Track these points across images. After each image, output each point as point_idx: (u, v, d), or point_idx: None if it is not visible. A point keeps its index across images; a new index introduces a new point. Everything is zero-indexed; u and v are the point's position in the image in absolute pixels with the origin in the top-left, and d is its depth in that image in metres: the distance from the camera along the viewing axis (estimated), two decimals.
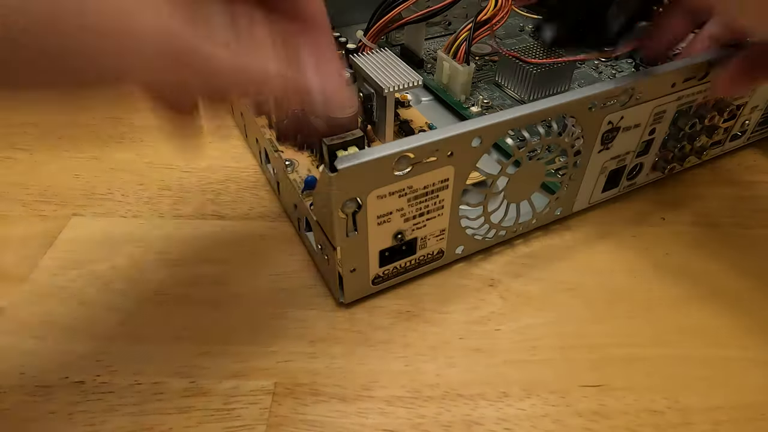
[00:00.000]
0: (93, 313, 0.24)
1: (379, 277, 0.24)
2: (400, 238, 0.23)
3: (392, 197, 0.21)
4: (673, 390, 0.22)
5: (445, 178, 0.22)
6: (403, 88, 0.28)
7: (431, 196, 0.23)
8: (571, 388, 0.22)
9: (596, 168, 0.28)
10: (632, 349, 0.24)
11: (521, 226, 0.28)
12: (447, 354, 0.23)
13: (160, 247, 0.28)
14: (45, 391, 0.21)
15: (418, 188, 0.22)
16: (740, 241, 0.29)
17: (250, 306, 0.25)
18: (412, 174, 0.21)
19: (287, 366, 0.23)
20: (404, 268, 0.25)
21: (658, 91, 0.26)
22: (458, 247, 0.26)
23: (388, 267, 0.24)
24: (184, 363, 0.22)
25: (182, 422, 0.20)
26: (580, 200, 0.29)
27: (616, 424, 0.21)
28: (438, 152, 0.21)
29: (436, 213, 0.24)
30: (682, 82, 0.26)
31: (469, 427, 0.21)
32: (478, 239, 0.26)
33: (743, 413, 0.21)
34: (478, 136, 0.22)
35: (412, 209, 0.23)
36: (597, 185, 0.29)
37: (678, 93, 0.27)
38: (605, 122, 0.25)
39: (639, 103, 0.26)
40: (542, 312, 0.25)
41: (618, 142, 0.27)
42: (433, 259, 0.26)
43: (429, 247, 0.25)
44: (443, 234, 0.25)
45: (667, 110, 0.27)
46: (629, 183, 0.30)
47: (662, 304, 0.25)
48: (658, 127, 0.28)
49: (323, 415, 0.21)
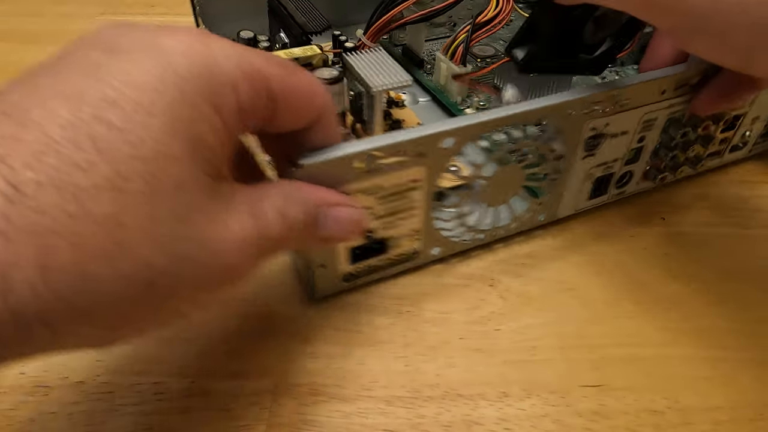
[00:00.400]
0: None
1: (350, 274, 0.25)
2: (371, 237, 0.23)
3: (360, 195, 0.22)
4: (673, 390, 0.22)
5: (416, 178, 0.22)
6: (391, 88, 0.28)
7: (402, 196, 0.23)
8: (571, 388, 0.22)
9: (580, 174, 0.27)
10: (632, 349, 0.24)
11: (502, 230, 0.27)
12: (447, 354, 0.23)
13: None
14: (45, 391, 0.21)
15: (388, 187, 0.22)
16: (740, 241, 0.29)
17: (249, 305, 0.25)
18: (380, 173, 0.21)
19: (287, 366, 0.23)
20: (377, 267, 0.25)
21: (647, 98, 0.25)
22: (434, 249, 0.26)
23: (360, 265, 0.24)
24: (184, 363, 0.22)
25: (182, 422, 0.20)
26: (564, 207, 0.28)
27: (616, 424, 0.21)
28: (407, 152, 0.21)
29: (408, 213, 0.23)
30: (673, 90, 0.26)
31: (469, 427, 0.21)
32: (456, 241, 0.26)
33: (743, 413, 0.21)
34: (449, 138, 0.22)
35: (382, 208, 0.23)
36: (583, 192, 0.28)
37: (669, 101, 0.26)
38: (588, 128, 0.25)
39: (626, 110, 0.25)
40: (542, 312, 0.25)
41: (604, 149, 0.26)
42: (408, 259, 0.26)
43: (402, 246, 0.25)
44: (417, 234, 0.25)
45: (657, 118, 0.27)
46: (618, 191, 0.30)
47: (662, 304, 0.25)
48: (647, 135, 0.27)
49: (323, 415, 0.21)
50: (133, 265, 0.13)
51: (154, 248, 0.13)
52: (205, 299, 0.16)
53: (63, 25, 0.51)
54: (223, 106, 0.15)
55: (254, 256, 0.16)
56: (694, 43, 0.19)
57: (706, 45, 0.19)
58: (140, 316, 0.14)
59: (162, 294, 0.14)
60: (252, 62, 0.15)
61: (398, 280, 0.26)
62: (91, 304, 0.13)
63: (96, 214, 0.12)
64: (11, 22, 0.51)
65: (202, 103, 0.14)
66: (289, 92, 0.17)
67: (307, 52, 0.31)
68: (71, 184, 0.12)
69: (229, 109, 0.15)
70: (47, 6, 0.55)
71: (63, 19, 0.52)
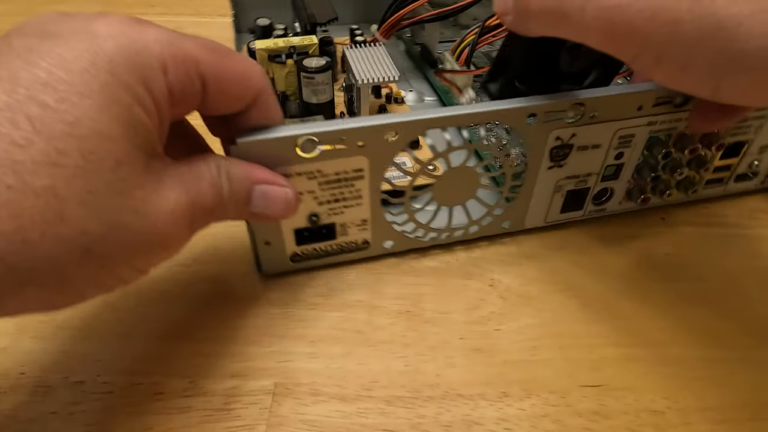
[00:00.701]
0: (93, 313, 0.24)
1: (297, 255, 0.25)
2: (315, 220, 0.24)
3: (300, 178, 0.22)
4: (673, 390, 0.22)
5: (359, 168, 0.23)
6: (377, 82, 0.29)
7: (346, 184, 0.23)
8: (571, 388, 0.22)
9: (548, 185, 0.26)
10: (632, 349, 0.24)
11: (461, 232, 0.27)
12: (447, 354, 0.23)
13: None
14: (45, 391, 0.21)
15: (329, 174, 0.22)
16: (741, 241, 0.29)
17: (249, 305, 0.25)
18: (320, 158, 0.22)
19: (287, 366, 0.23)
20: (326, 252, 0.26)
21: (620, 112, 0.24)
22: (387, 242, 0.26)
23: (306, 247, 0.25)
24: (184, 363, 0.22)
25: (182, 422, 0.20)
26: (533, 217, 0.28)
27: (616, 424, 0.21)
28: (346, 141, 0.21)
29: (354, 202, 0.24)
30: (651, 107, 0.24)
31: (469, 427, 0.21)
32: (410, 237, 0.26)
33: (743, 413, 0.21)
34: (393, 131, 0.22)
35: (326, 194, 0.23)
36: (553, 204, 0.27)
37: (648, 117, 0.25)
38: (552, 137, 0.24)
39: (596, 122, 0.24)
40: (542, 312, 0.25)
41: (574, 161, 0.25)
42: (358, 249, 0.26)
43: (351, 235, 0.25)
44: (366, 224, 0.25)
45: (636, 135, 0.25)
46: (597, 208, 0.29)
47: (662, 303, 0.25)
48: (626, 152, 0.26)
49: (323, 415, 0.21)
50: (71, 232, 0.14)
51: (91, 217, 0.14)
52: (142, 264, 0.17)
53: None
54: (153, 87, 0.16)
55: (187, 225, 0.18)
56: (657, 73, 0.18)
57: (669, 75, 0.18)
58: (82, 279, 0.15)
59: (100, 259, 0.15)
60: (181, 46, 0.16)
61: (398, 279, 0.26)
62: (33, 267, 0.14)
63: (35, 186, 0.13)
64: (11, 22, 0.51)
65: (134, 84, 0.15)
66: (221, 75, 0.18)
67: (304, 41, 0.32)
68: (9, 160, 0.13)
69: (159, 91, 0.16)
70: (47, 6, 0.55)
71: None
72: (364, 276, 0.26)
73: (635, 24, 0.17)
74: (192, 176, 0.18)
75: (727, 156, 0.29)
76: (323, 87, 0.30)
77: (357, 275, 0.26)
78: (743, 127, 0.28)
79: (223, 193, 0.19)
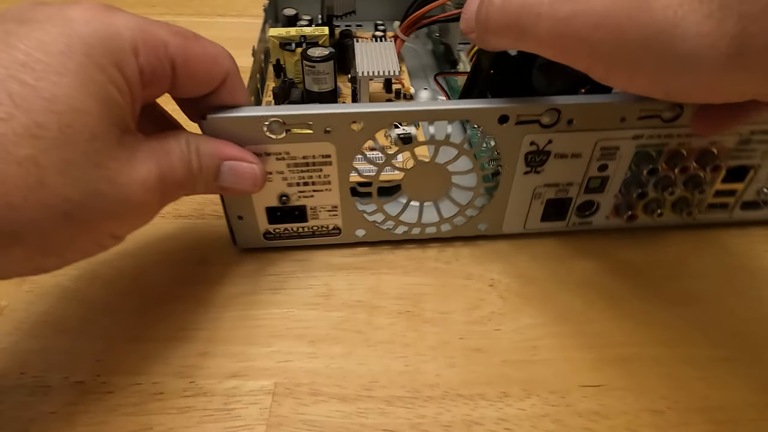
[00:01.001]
0: (93, 313, 0.24)
1: (269, 233, 0.26)
2: (285, 201, 0.25)
3: (269, 158, 0.23)
4: (673, 390, 0.22)
5: (326, 154, 0.23)
6: (376, 75, 0.30)
7: (314, 168, 0.24)
8: (571, 388, 0.22)
9: (525, 191, 0.26)
10: (632, 349, 0.24)
11: (435, 229, 0.27)
12: (447, 354, 0.23)
13: (160, 247, 0.28)
14: (45, 391, 0.21)
15: (297, 156, 0.23)
16: (740, 241, 0.29)
17: (249, 305, 0.25)
18: (288, 140, 0.23)
19: (287, 366, 0.23)
20: (298, 233, 0.27)
21: (600, 122, 0.23)
22: (358, 230, 0.27)
23: (279, 226, 0.26)
24: (184, 363, 0.22)
25: (182, 422, 0.20)
26: (511, 222, 0.27)
27: (616, 424, 0.21)
28: (313, 126, 0.22)
29: (324, 187, 0.25)
30: (636, 119, 0.23)
31: (469, 427, 0.21)
32: (382, 229, 0.27)
33: (743, 413, 0.21)
34: (357, 120, 0.22)
35: (295, 176, 0.24)
36: (533, 211, 0.27)
37: (634, 131, 0.24)
38: (526, 141, 0.24)
39: (575, 131, 0.24)
40: (542, 312, 0.25)
41: (553, 168, 0.25)
42: (329, 234, 0.27)
43: (322, 219, 0.26)
44: (336, 211, 0.26)
45: (620, 147, 0.24)
46: (582, 220, 0.28)
47: (663, 303, 0.25)
48: (611, 165, 0.25)
49: (323, 415, 0.21)
50: (53, 198, 0.16)
51: (70, 185, 0.16)
52: (118, 230, 0.19)
53: None
54: (126, 69, 0.17)
55: (158, 196, 0.19)
56: (611, 80, 0.19)
57: (621, 81, 0.18)
58: (63, 242, 0.17)
59: (80, 224, 0.17)
60: (151, 31, 0.18)
61: (398, 279, 0.26)
62: (18, 229, 0.15)
63: (17, 155, 0.15)
64: None
65: (108, 66, 0.16)
66: (189, 58, 0.19)
67: (315, 31, 0.33)
68: None
69: (131, 72, 0.17)
70: None
71: None
72: (364, 276, 0.26)
73: (582, 34, 0.17)
74: (163, 151, 0.19)
75: (731, 180, 0.27)
76: (324, 76, 0.31)
77: (357, 275, 0.26)
78: (746, 150, 0.26)
79: (192, 168, 0.20)
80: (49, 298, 0.25)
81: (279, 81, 0.34)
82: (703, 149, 0.25)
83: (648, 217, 0.27)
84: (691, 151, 0.25)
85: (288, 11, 0.39)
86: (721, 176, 0.26)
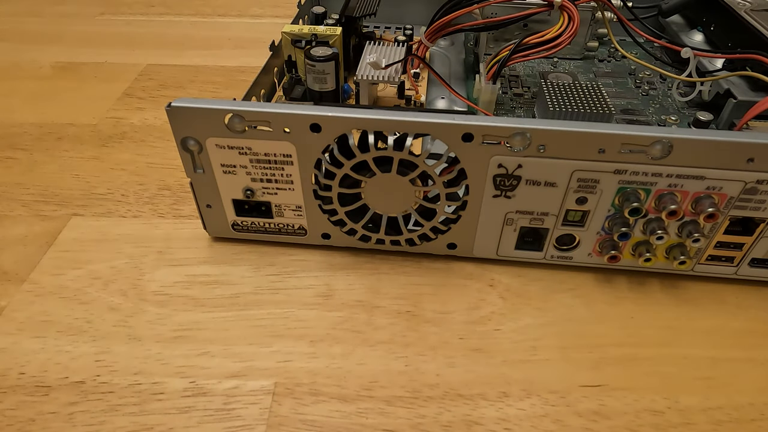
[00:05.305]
0: (93, 313, 0.24)
1: (237, 225, 0.27)
2: (250, 195, 0.25)
3: (233, 152, 0.24)
4: (673, 390, 0.22)
5: (287, 153, 0.24)
6: (374, 81, 0.30)
7: (276, 167, 0.24)
8: (571, 388, 0.22)
9: (495, 215, 0.25)
10: (632, 349, 0.24)
11: (401, 242, 0.26)
12: (447, 354, 0.23)
13: (160, 247, 0.28)
14: (45, 391, 0.21)
15: (259, 153, 0.24)
16: None
17: (249, 305, 0.25)
18: (249, 136, 0.23)
19: (287, 366, 0.23)
20: (264, 228, 0.27)
21: (575, 151, 0.22)
22: (324, 233, 0.27)
23: (246, 219, 0.27)
24: (184, 363, 0.22)
25: (182, 422, 0.20)
26: (482, 246, 0.26)
27: (616, 424, 0.21)
28: (272, 124, 0.23)
29: (286, 186, 0.25)
30: (617, 152, 0.22)
31: (469, 427, 0.21)
32: (347, 235, 0.27)
33: (744, 413, 0.21)
34: (315, 123, 0.22)
35: (258, 172, 0.25)
36: (505, 237, 0.26)
37: (615, 164, 0.22)
38: (493, 163, 0.23)
39: (547, 157, 0.22)
40: (542, 312, 0.25)
41: (524, 195, 0.24)
42: (295, 233, 0.27)
43: (287, 218, 0.27)
44: (301, 211, 0.26)
45: (600, 180, 0.23)
46: (561, 254, 0.26)
47: (662, 303, 0.25)
48: (591, 198, 0.23)
49: (323, 415, 0.21)
50: None
51: None
52: None
53: (62, 26, 0.51)
54: None
55: None
56: None
57: None
58: None
59: None
60: None
61: (398, 279, 0.26)
62: None
63: None
64: (11, 22, 0.51)
65: None
66: None
67: (327, 31, 0.33)
68: None
69: None
70: (47, 6, 0.55)
71: (62, 19, 0.52)
72: (364, 276, 0.26)
73: None
74: None
75: (739, 233, 0.24)
76: (324, 76, 0.31)
77: (357, 275, 0.26)
78: (753, 201, 0.23)
79: None
80: (49, 298, 0.25)
81: (289, 76, 0.35)
82: (699, 194, 0.23)
83: (635, 260, 0.25)
84: (684, 195, 0.23)
85: (317, 9, 0.38)
86: (724, 227, 0.24)
